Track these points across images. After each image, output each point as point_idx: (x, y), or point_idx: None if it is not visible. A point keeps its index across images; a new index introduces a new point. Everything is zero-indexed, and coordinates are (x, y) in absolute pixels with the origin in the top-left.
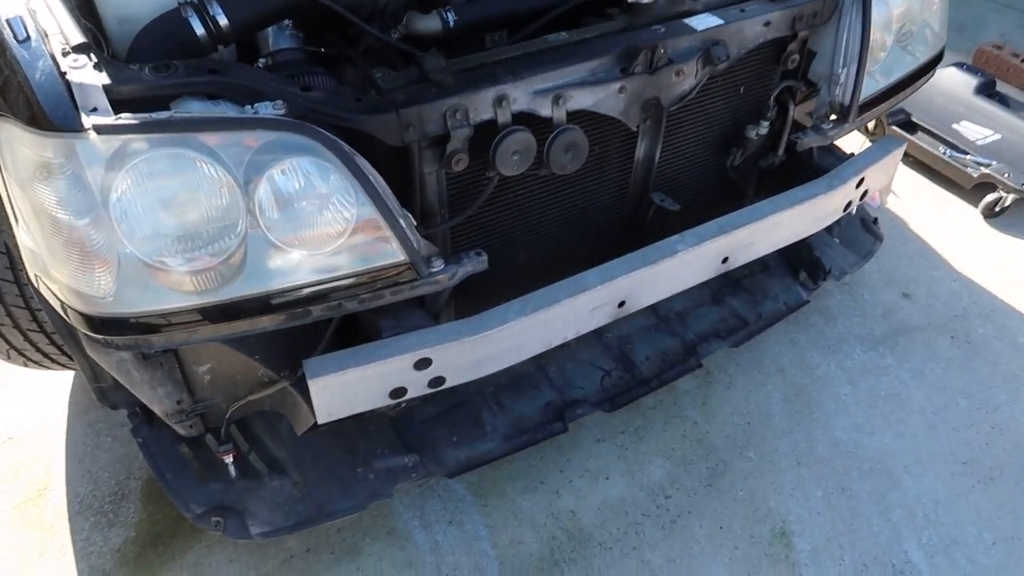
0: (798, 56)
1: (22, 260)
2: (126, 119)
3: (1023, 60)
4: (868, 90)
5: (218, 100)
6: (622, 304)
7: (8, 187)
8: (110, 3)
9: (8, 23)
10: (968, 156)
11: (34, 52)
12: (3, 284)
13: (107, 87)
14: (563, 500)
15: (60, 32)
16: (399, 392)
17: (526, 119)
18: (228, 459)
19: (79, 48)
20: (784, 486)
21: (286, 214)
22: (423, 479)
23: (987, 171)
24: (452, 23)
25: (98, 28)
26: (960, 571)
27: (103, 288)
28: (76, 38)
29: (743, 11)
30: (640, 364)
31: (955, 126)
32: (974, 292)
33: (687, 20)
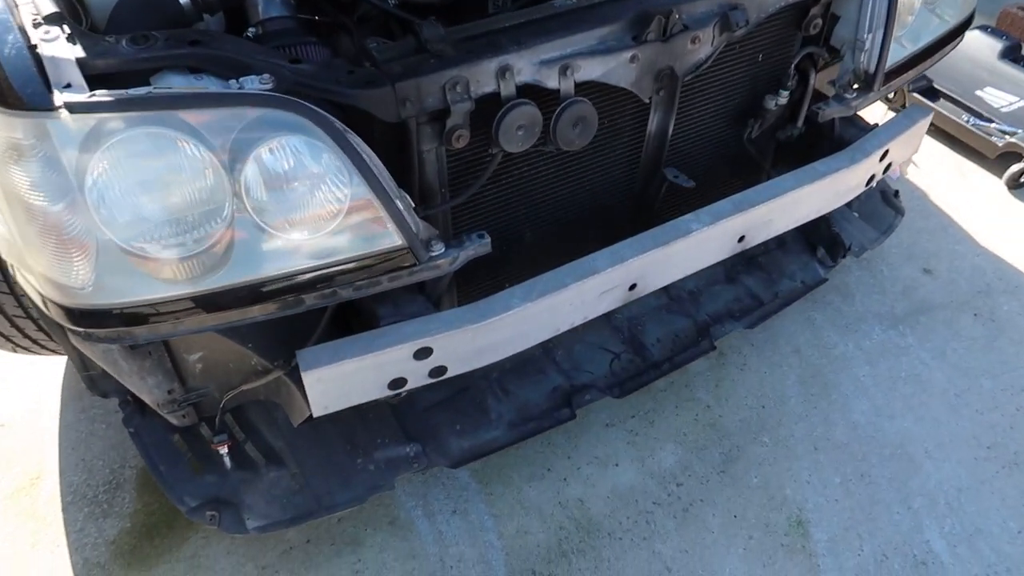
0: (821, 20)
1: None
2: (101, 96)
3: None
4: (894, 56)
5: (201, 74)
6: (633, 287)
7: None
8: None
9: None
10: (992, 124)
11: (1, 23)
12: None
13: (81, 61)
14: (571, 488)
15: (31, 1)
16: (398, 383)
17: (531, 91)
18: (223, 450)
19: (51, 18)
20: (800, 473)
21: (275, 196)
22: (425, 469)
23: (1013, 140)
24: None
25: None
26: (984, 561)
27: (81, 278)
28: (48, 7)
29: None
30: (651, 347)
31: (978, 92)
32: (999, 267)
33: None
